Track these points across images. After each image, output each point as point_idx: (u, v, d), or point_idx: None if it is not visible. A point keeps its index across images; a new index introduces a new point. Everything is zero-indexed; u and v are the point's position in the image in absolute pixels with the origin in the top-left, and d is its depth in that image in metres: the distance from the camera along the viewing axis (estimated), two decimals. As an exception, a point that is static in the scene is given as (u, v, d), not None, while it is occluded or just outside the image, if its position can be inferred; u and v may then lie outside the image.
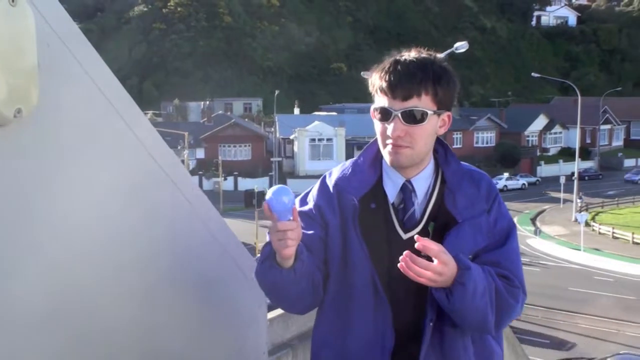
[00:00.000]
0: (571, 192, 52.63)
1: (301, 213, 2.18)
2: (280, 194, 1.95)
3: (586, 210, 53.27)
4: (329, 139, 67.89)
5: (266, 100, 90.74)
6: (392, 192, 2.20)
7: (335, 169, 2.30)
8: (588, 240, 43.46)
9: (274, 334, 3.38)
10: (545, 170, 74.02)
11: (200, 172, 66.88)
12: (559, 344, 25.51)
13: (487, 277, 2.06)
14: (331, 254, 2.22)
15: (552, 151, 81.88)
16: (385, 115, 2.10)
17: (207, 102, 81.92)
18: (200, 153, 70.11)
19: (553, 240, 45.03)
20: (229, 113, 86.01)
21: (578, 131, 57.90)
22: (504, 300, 2.09)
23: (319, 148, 67.93)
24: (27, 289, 1.77)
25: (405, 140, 2.10)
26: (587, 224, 46.91)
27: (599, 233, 47.73)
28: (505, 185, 64.63)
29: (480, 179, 2.25)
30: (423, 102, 2.08)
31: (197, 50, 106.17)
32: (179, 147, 64.37)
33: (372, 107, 2.13)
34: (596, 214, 54.08)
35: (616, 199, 59.60)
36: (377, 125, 2.14)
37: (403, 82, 2.06)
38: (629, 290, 33.19)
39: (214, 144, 69.67)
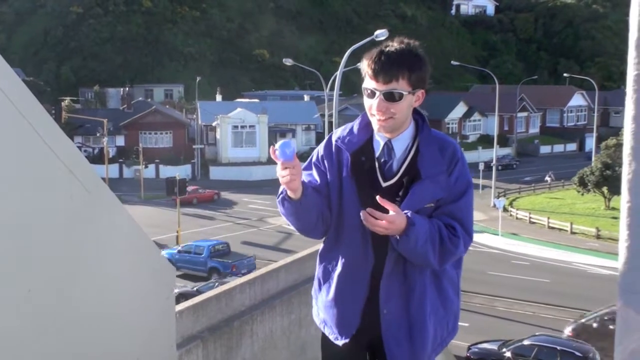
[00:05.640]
0: (490, 178, 53.75)
1: (313, 164, 2.95)
2: (284, 147, 2.62)
3: (504, 195, 54.50)
4: (251, 126, 67.60)
5: (188, 86, 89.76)
6: (377, 148, 2.85)
7: (337, 131, 2.97)
8: (506, 225, 44.55)
9: (183, 327, 3.31)
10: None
11: (121, 160, 65.81)
12: (478, 328, 26.05)
13: (431, 230, 2.72)
14: (333, 195, 2.89)
15: (472, 138, 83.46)
16: (372, 94, 2.74)
17: (127, 89, 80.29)
18: (120, 140, 68.96)
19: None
20: (149, 100, 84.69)
21: (496, 119, 59.23)
22: (446, 247, 2.75)
23: (241, 135, 67.59)
24: None
25: (387, 114, 2.73)
26: (504, 210, 48.03)
27: (517, 218, 48.96)
28: None
29: (447, 146, 2.86)
30: (400, 85, 2.71)
31: (116, 35, 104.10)
32: (98, 134, 63.10)
33: (363, 86, 2.76)
34: (514, 200, 55.38)
35: (532, 184, 61.14)
36: (366, 101, 2.78)
37: (385, 70, 2.69)
38: (544, 273, 34.16)
39: (134, 131, 68.59)
